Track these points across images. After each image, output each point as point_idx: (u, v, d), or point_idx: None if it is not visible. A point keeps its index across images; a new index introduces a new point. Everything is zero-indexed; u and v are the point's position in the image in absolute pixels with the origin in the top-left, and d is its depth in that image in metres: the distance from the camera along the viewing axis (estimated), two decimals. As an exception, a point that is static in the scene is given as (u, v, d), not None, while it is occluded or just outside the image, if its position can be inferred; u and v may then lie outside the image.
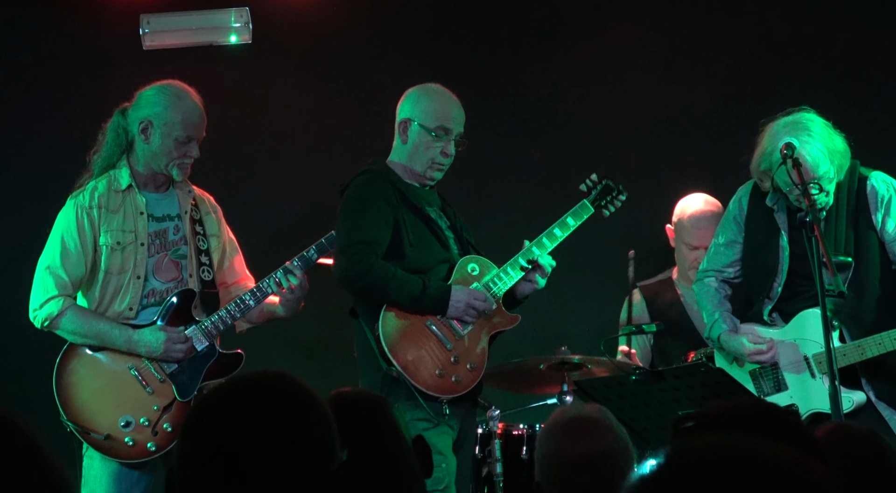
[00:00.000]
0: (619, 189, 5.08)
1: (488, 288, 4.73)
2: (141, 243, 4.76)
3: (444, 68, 6.48)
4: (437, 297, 4.63)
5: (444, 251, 4.73)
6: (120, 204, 4.79)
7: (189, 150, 4.79)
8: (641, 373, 4.42)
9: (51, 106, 6.40)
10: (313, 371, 4.87)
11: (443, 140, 4.75)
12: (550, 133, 6.46)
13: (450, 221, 4.85)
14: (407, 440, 2.72)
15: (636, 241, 6.34)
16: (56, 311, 4.70)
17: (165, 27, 6.36)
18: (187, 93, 4.84)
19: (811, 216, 4.50)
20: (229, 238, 5.05)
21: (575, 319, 6.26)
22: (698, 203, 5.76)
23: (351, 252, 4.62)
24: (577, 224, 4.91)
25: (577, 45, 6.48)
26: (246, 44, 6.44)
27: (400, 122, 4.81)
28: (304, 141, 6.43)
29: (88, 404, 4.68)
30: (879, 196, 4.81)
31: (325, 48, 6.51)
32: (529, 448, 5.11)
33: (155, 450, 4.66)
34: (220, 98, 6.46)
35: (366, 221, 4.66)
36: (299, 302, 4.86)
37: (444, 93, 4.86)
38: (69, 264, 4.73)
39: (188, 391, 4.72)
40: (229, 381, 1.98)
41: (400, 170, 4.80)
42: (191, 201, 4.92)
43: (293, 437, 1.88)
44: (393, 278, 4.59)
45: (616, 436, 3.02)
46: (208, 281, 4.85)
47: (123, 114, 4.84)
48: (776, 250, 4.90)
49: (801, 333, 4.83)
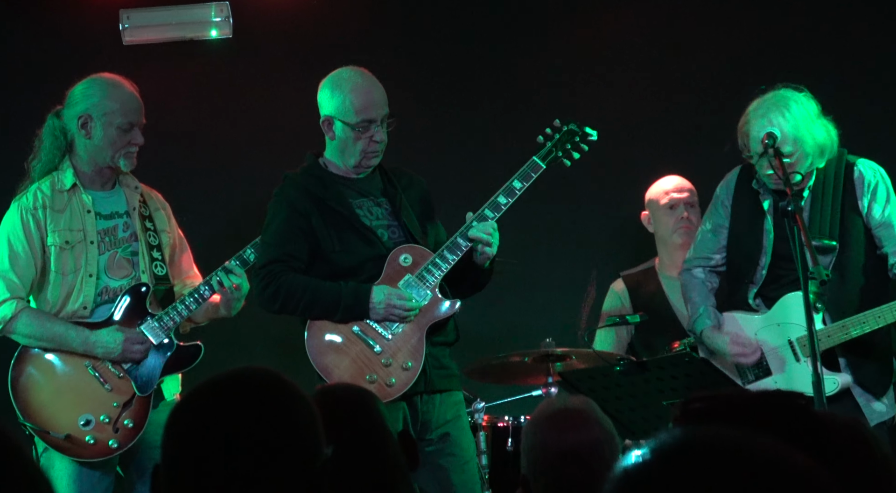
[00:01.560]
0: (583, 132, 4.78)
1: (422, 278, 4.56)
2: (90, 242, 4.71)
3: (426, 62, 6.48)
4: (354, 305, 4.51)
5: (368, 249, 4.58)
6: (66, 203, 4.73)
7: (133, 137, 4.73)
8: (626, 364, 4.43)
9: (30, 103, 6.37)
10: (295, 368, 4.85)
11: (369, 130, 4.61)
12: (536, 126, 6.46)
13: (391, 207, 4.68)
14: (392, 433, 2.72)
15: (619, 231, 6.36)
16: (10, 314, 4.64)
17: (145, 22, 6.34)
18: (120, 81, 4.78)
19: (793, 205, 4.52)
20: (178, 235, 5.01)
21: (559, 310, 6.26)
22: (665, 177, 5.85)
23: (262, 275, 4.59)
24: (525, 186, 4.66)
25: (564, 38, 6.47)
26: (226, 38, 6.41)
27: (322, 120, 4.68)
28: (285, 135, 6.41)
29: (47, 405, 4.62)
30: (866, 182, 4.84)
31: (305, 42, 6.49)
32: (515, 440, 5.12)
33: (117, 447, 4.61)
34: (201, 93, 6.45)
35: (278, 236, 4.61)
36: (240, 302, 4.82)
37: (358, 81, 4.66)
38: (18, 266, 4.67)
39: (148, 386, 4.68)
40: (213, 378, 1.98)
41: (333, 166, 4.70)
42: (138, 197, 4.86)
43: (279, 433, 1.88)
44: (304, 297, 4.52)
45: (602, 427, 3.03)
46: (161, 276, 4.81)
47: (58, 115, 4.78)
48: (760, 233, 4.93)
49: (783, 317, 4.85)
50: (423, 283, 4.57)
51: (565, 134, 4.77)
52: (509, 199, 4.63)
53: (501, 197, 4.63)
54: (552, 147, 4.74)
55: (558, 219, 6.36)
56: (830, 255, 4.77)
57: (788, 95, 4.80)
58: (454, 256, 4.58)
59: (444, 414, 4.57)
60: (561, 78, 6.49)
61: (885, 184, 4.86)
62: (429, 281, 4.57)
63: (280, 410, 1.90)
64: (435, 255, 4.58)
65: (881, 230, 4.82)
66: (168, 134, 5.41)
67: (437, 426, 4.56)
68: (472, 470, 4.57)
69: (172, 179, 5.15)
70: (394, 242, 4.62)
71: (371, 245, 4.59)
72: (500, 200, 4.62)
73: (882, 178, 4.87)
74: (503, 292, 5.60)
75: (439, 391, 4.58)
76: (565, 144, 4.76)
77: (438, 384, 4.57)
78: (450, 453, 4.54)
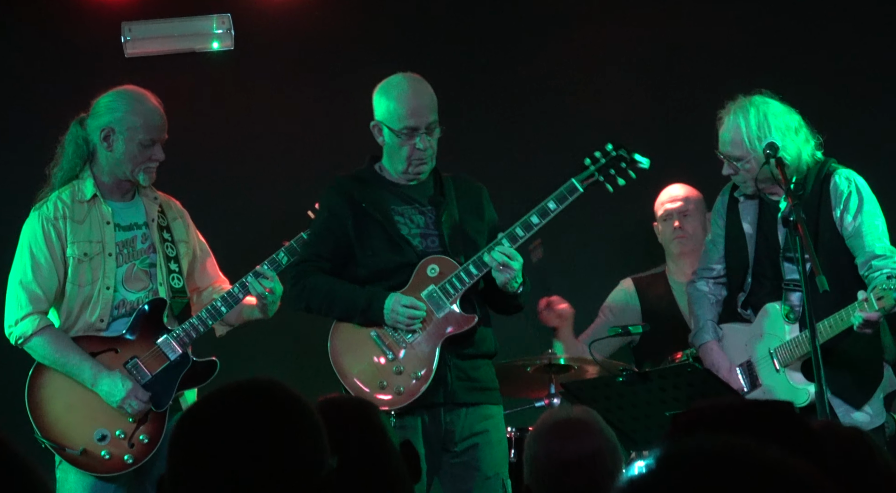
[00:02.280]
0: (632, 158, 4.72)
1: (445, 290, 4.58)
2: (108, 254, 4.71)
3: (427, 72, 6.47)
4: (368, 309, 4.57)
5: (397, 256, 4.60)
6: (85, 214, 4.73)
7: (154, 153, 4.74)
8: (628, 374, 4.43)
9: (32, 115, 6.38)
10: (302, 377, 4.86)
11: (413, 137, 4.63)
12: (538, 131, 6.47)
13: (435, 216, 4.69)
14: (395, 444, 2.72)
15: (625, 239, 6.36)
16: (30, 331, 4.65)
17: (147, 34, 6.35)
18: (145, 95, 4.78)
19: (794, 215, 4.52)
20: (199, 242, 5.01)
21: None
22: (671, 185, 5.85)
23: (292, 274, 4.72)
24: (560, 208, 4.63)
25: (565, 43, 6.47)
26: (228, 50, 6.43)
27: (372, 125, 4.73)
28: (286, 146, 6.42)
29: (62, 419, 4.63)
30: (839, 191, 4.84)
31: (307, 54, 6.50)
32: (518, 451, 5.11)
33: (132, 462, 4.61)
34: (203, 105, 6.46)
35: (313, 236, 4.74)
36: (275, 304, 4.83)
37: (405, 87, 4.68)
38: (41, 277, 4.67)
39: (162, 402, 4.67)
40: (219, 390, 1.98)
41: (387, 172, 4.75)
42: (157, 208, 4.86)
43: (283, 444, 1.88)
44: (325, 298, 4.61)
45: (605, 438, 3.03)
46: (178, 289, 4.81)
47: (81, 124, 4.78)
48: (743, 241, 4.96)
49: (763, 328, 4.89)
50: (446, 295, 4.59)
51: (612, 159, 4.70)
52: (542, 219, 4.62)
53: (534, 217, 4.62)
54: (594, 171, 4.69)
55: (564, 228, 6.35)
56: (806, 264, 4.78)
57: (753, 101, 4.84)
58: (478, 271, 4.59)
59: (472, 427, 4.57)
60: (566, 81, 6.49)
61: (857, 194, 4.83)
62: (451, 294, 4.59)
63: (284, 420, 1.91)
64: (460, 268, 4.60)
65: (852, 240, 4.82)
66: (170, 145, 5.39)
67: (462, 438, 4.56)
68: (493, 486, 4.55)
69: (175, 190, 5.14)
70: (426, 252, 4.64)
71: (401, 252, 4.62)
72: (533, 220, 4.61)
73: (856, 188, 4.84)
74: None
75: (467, 404, 4.58)
76: (609, 169, 4.70)
77: (463, 397, 4.58)
78: (474, 466, 4.55)
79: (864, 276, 4.77)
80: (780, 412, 1.82)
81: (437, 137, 4.68)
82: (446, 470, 4.57)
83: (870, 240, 4.80)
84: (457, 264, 4.61)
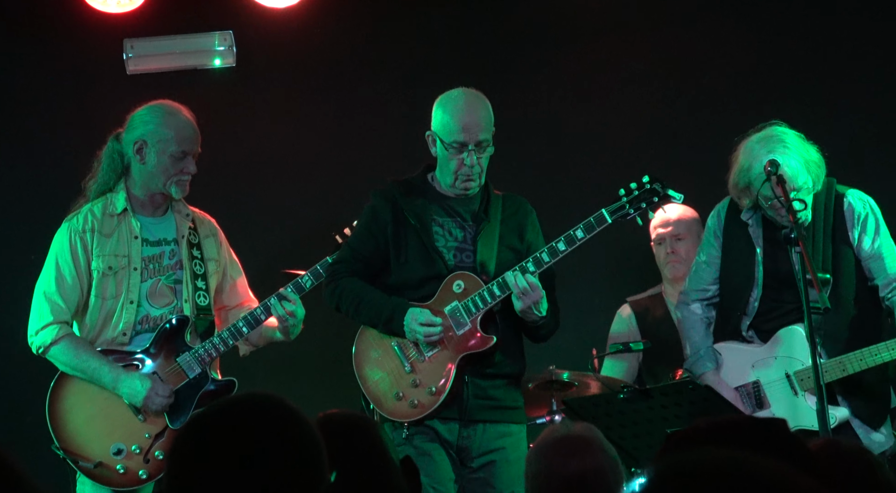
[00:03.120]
0: (666, 193, 4.61)
1: (467, 308, 4.59)
2: (134, 268, 4.75)
3: (430, 90, 6.48)
4: (390, 321, 4.61)
5: (427, 268, 4.62)
6: (114, 228, 4.78)
7: (186, 165, 4.78)
8: (629, 391, 4.42)
9: (35, 131, 6.39)
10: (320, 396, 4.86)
11: (461, 152, 4.64)
12: (544, 145, 6.47)
13: (475, 232, 4.69)
14: (394, 460, 2.72)
15: (623, 256, 6.35)
16: (50, 339, 4.70)
17: (149, 52, 6.36)
18: (178, 109, 4.85)
19: (795, 233, 4.52)
20: (231, 260, 5.05)
21: (562, 337, 6.25)
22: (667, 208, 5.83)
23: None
24: (587, 238, 4.59)
25: (570, 58, 6.49)
26: (230, 67, 6.44)
27: (427, 135, 4.76)
28: (288, 163, 6.43)
29: (80, 432, 4.68)
30: (856, 214, 4.84)
31: (309, 71, 6.52)
32: (519, 468, 5.10)
33: (146, 478, 4.65)
34: (205, 122, 6.44)
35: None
36: (297, 327, 4.85)
37: (460, 102, 4.70)
38: (64, 289, 4.72)
39: (180, 419, 4.70)
40: (217, 404, 1.98)
41: (437, 182, 4.77)
42: (189, 224, 4.90)
43: (282, 458, 1.88)
44: (353, 303, 4.66)
45: (606, 454, 3.03)
46: (204, 307, 4.83)
47: (118, 138, 4.84)
48: (752, 264, 4.92)
49: (782, 350, 4.84)
50: (467, 313, 4.60)
51: (646, 192, 4.63)
52: (568, 247, 4.59)
53: (562, 244, 4.59)
54: (626, 203, 4.62)
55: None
56: (825, 288, 4.75)
57: (777, 131, 4.82)
58: (501, 292, 4.58)
59: (489, 444, 4.58)
60: (566, 99, 6.50)
61: (874, 215, 4.86)
62: (472, 312, 4.60)
63: (283, 435, 1.90)
64: (484, 288, 4.60)
65: (871, 262, 4.82)
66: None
67: (478, 454, 4.58)
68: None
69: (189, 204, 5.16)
70: (459, 266, 4.66)
71: (431, 265, 4.64)
72: (560, 247, 4.59)
73: (871, 209, 4.87)
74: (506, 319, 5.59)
75: (484, 421, 4.59)
76: (641, 202, 4.63)
77: (478, 415, 4.59)
78: (489, 483, 4.57)
79: (886, 297, 4.78)
80: (775, 428, 1.81)
81: (487, 156, 4.67)
82: (464, 486, 4.60)
83: (890, 262, 4.82)
84: (482, 282, 4.62)
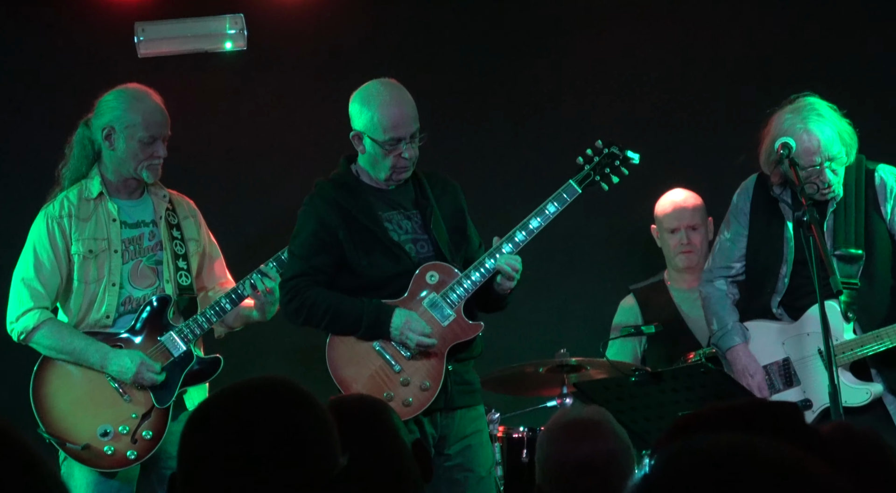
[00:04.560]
0: (624, 155, 4.67)
1: (446, 297, 4.53)
2: (114, 251, 4.75)
3: (439, 71, 6.48)
4: (375, 325, 4.50)
5: (394, 264, 4.54)
6: (91, 212, 4.77)
7: (155, 150, 4.76)
8: (641, 375, 4.42)
9: (45, 115, 6.39)
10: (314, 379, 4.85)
11: (398, 148, 4.54)
12: (544, 133, 6.46)
13: (422, 219, 4.63)
14: (406, 444, 2.71)
15: (633, 242, 6.35)
16: (31, 324, 4.69)
17: (160, 35, 6.35)
18: (146, 93, 4.82)
19: (808, 216, 4.51)
20: (210, 242, 5.03)
21: (572, 321, 6.26)
22: (672, 192, 5.82)
23: (286, 288, 4.60)
24: (559, 210, 4.58)
25: (573, 47, 6.48)
26: (241, 51, 6.43)
27: (353, 135, 4.62)
28: (299, 147, 6.42)
29: (66, 415, 4.67)
30: (889, 188, 4.85)
31: (320, 54, 6.50)
32: (530, 451, 5.11)
33: (135, 458, 4.64)
34: (216, 105, 6.47)
35: (304, 249, 4.59)
36: (274, 306, 4.82)
37: (386, 97, 4.57)
38: (43, 275, 4.71)
39: (166, 398, 4.70)
40: (230, 388, 1.98)
41: (366, 175, 4.66)
42: (166, 206, 4.89)
43: (294, 442, 1.88)
44: (327, 314, 4.52)
45: (617, 438, 3.02)
46: (186, 286, 4.83)
47: (87, 124, 4.83)
48: (781, 241, 4.90)
49: (813, 326, 4.83)
50: (448, 302, 4.55)
51: (605, 157, 4.67)
52: (542, 222, 4.57)
53: (534, 220, 4.57)
54: (590, 171, 4.64)
55: (570, 229, 6.35)
56: (857, 263, 4.75)
57: (811, 101, 4.82)
58: (480, 276, 4.55)
59: (464, 429, 4.56)
60: (570, 86, 6.49)
61: None
62: (453, 301, 4.55)
63: (296, 419, 1.90)
64: (461, 274, 4.56)
65: None
66: (182, 146, 5.42)
67: (455, 441, 4.55)
68: (488, 486, 4.55)
69: (186, 190, 5.16)
70: (421, 258, 4.58)
71: (397, 261, 4.56)
72: (533, 224, 4.57)
73: None
74: (517, 302, 5.59)
75: (461, 407, 4.57)
76: (604, 167, 4.66)
77: (459, 401, 4.57)
78: (467, 468, 4.53)
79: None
80: (784, 413, 1.81)
81: (419, 144, 4.60)
82: (440, 475, 4.53)
83: None
84: (457, 270, 4.56)
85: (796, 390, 4.86)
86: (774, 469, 1.18)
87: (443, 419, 4.54)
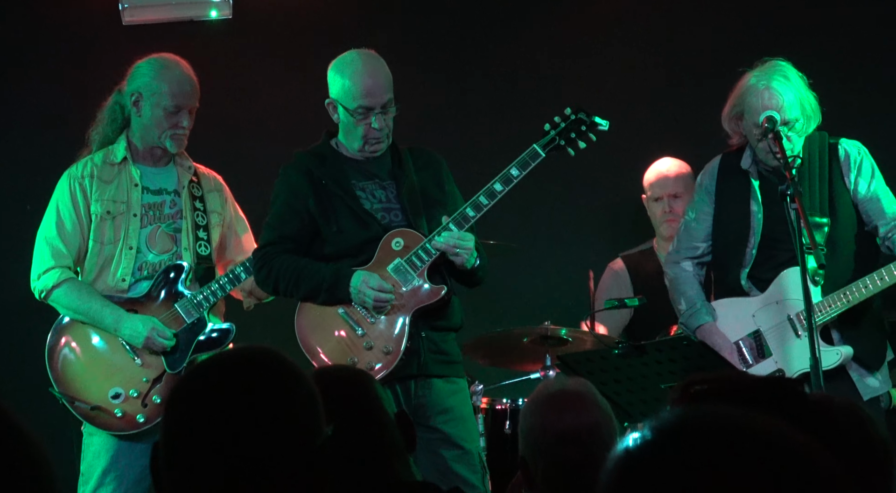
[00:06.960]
0: (592, 121, 4.68)
1: (411, 263, 4.54)
2: (133, 214, 4.81)
3: (429, 44, 6.47)
4: (334, 288, 4.52)
5: (364, 231, 4.56)
6: (114, 176, 4.84)
7: (179, 120, 4.82)
8: (624, 347, 4.42)
9: (31, 82, 6.36)
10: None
11: (367, 117, 4.56)
12: (533, 107, 6.45)
13: (396, 190, 4.65)
14: (390, 414, 2.72)
15: (617, 212, 6.36)
16: (52, 283, 4.77)
17: (145, 2, 6.33)
18: (176, 63, 4.88)
19: (792, 189, 4.52)
20: (238, 217, 5.10)
21: (557, 293, 6.27)
22: (660, 161, 5.84)
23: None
24: (522, 174, 4.58)
25: (562, 18, 6.47)
26: (226, 19, 6.40)
27: (328, 102, 4.67)
28: (285, 117, 6.41)
29: (79, 376, 4.75)
30: (852, 159, 4.91)
31: (305, 23, 6.48)
32: (513, 423, 5.13)
33: (143, 421, 4.70)
34: (201, 73, 6.43)
35: (276, 218, 4.65)
36: None
37: (359, 66, 4.60)
38: (65, 234, 4.79)
39: (178, 364, 4.76)
40: (214, 357, 1.98)
41: (344, 148, 4.69)
42: (191, 177, 4.95)
43: (279, 412, 1.88)
44: (291, 278, 4.55)
45: (600, 409, 3.03)
46: (204, 256, 4.89)
47: (120, 90, 4.90)
48: (748, 215, 4.94)
49: (782, 294, 4.86)
50: (413, 268, 4.55)
51: (572, 123, 4.68)
52: (505, 187, 4.57)
53: (498, 184, 4.58)
54: (555, 136, 4.66)
55: (556, 201, 6.36)
56: (821, 230, 4.81)
57: (782, 64, 4.85)
58: (436, 251, 4.54)
59: (444, 401, 4.55)
60: (558, 59, 6.48)
61: (868, 160, 4.92)
62: (417, 266, 4.55)
63: (280, 388, 1.90)
64: (425, 240, 4.56)
65: (868, 205, 4.88)
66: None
67: (435, 413, 4.53)
68: (472, 460, 4.55)
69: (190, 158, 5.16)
70: (392, 226, 4.60)
71: (367, 228, 4.57)
72: (496, 188, 4.58)
73: (866, 154, 4.93)
74: (501, 275, 5.60)
75: (437, 376, 4.56)
76: (570, 132, 4.68)
77: (434, 369, 4.55)
78: (450, 442, 4.51)
79: (887, 237, 4.82)
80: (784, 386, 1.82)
81: (392, 115, 4.61)
82: (421, 446, 4.53)
83: (887, 203, 4.89)
84: (422, 236, 4.57)
85: (768, 362, 4.89)
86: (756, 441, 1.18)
87: (418, 388, 4.54)
